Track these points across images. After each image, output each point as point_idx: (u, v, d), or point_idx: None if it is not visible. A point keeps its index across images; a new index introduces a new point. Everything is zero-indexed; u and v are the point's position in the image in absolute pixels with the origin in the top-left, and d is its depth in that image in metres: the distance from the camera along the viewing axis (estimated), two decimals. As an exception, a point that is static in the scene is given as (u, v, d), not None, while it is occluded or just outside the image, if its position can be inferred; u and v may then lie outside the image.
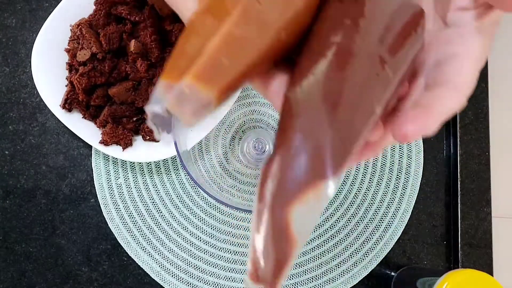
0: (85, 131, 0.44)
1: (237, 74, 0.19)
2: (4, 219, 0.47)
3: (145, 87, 0.43)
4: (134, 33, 0.43)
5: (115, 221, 0.47)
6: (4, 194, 0.48)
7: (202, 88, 0.18)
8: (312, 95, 0.19)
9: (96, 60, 0.42)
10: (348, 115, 0.19)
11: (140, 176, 0.48)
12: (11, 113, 0.49)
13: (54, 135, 0.48)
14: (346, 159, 0.18)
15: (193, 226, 0.47)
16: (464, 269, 0.38)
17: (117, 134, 0.44)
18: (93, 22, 0.43)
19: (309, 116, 0.18)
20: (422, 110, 0.21)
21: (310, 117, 0.18)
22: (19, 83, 0.49)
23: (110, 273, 0.47)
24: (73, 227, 0.47)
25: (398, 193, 0.48)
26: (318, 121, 0.18)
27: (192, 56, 0.18)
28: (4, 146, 0.48)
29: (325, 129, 0.18)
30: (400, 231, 0.47)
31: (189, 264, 0.46)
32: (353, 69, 0.19)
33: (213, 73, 0.18)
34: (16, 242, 0.47)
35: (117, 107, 0.44)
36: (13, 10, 0.50)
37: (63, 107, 0.44)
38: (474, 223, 0.48)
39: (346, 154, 0.18)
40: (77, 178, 0.48)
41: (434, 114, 0.21)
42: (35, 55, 0.44)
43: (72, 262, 0.47)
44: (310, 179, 0.18)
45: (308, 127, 0.18)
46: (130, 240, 0.47)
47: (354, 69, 0.19)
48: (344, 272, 0.47)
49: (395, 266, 0.47)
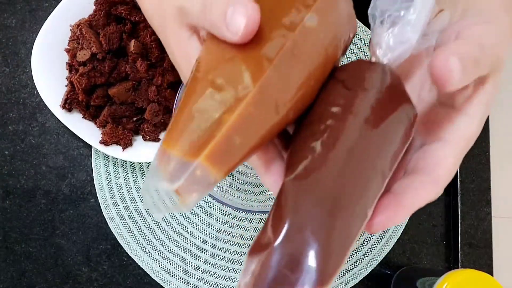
0: (85, 131, 0.44)
1: (244, 153, 0.18)
2: (4, 219, 0.47)
3: (145, 87, 0.43)
4: (134, 33, 0.43)
5: (115, 221, 0.47)
6: (4, 194, 0.48)
7: (214, 170, 0.17)
8: (310, 193, 0.18)
9: (96, 60, 0.42)
10: (345, 221, 0.18)
11: (140, 176, 0.48)
12: (11, 113, 0.49)
13: (54, 135, 0.48)
14: (338, 269, 0.17)
15: (193, 226, 0.47)
16: (464, 269, 0.38)
17: (117, 134, 0.44)
18: (93, 22, 0.43)
19: (302, 216, 0.18)
20: (393, 200, 0.20)
21: (303, 218, 0.17)
22: (19, 83, 0.49)
23: (110, 273, 0.47)
24: (73, 227, 0.47)
25: (398, 193, 0.48)
26: (312, 225, 0.17)
27: (202, 128, 0.17)
28: (4, 146, 0.48)
29: (318, 235, 0.17)
30: (400, 231, 0.47)
31: (189, 264, 0.46)
32: (354, 175, 0.18)
33: (225, 154, 0.18)
34: (16, 242, 0.47)
35: (117, 107, 0.44)
36: (13, 10, 0.50)
37: (63, 107, 0.44)
38: (474, 223, 0.48)
39: (339, 265, 0.17)
40: (77, 178, 0.48)
41: (405, 204, 0.20)
42: (35, 55, 0.44)
43: (72, 262, 0.47)
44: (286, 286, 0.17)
45: (299, 227, 0.17)
46: (130, 240, 0.47)
47: (355, 175, 0.18)
48: (344, 272, 0.47)
49: (395, 266, 0.47)
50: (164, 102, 0.44)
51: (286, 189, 0.18)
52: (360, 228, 0.18)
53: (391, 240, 0.47)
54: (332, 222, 0.17)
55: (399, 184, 0.21)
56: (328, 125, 0.19)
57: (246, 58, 0.18)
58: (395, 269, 0.47)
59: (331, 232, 0.17)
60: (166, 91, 0.43)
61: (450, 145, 0.21)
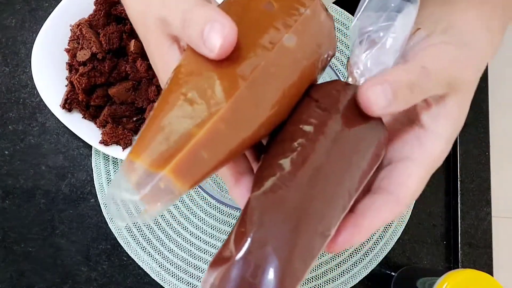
0: (85, 131, 0.44)
1: (212, 167, 0.18)
2: (3, 219, 0.47)
3: (145, 87, 0.43)
4: (134, 33, 0.43)
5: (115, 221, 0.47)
6: (3, 194, 0.47)
7: (178, 183, 0.17)
8: (275, 210, 0.18)
9: (96, 60, 0.42)
10: (308, 239, 0.18)
11: (140, 176, 0.48)
12: (11, 113, 0.48)
13: (54, 135, 0.48)
14: (297, 286, 0.17)
15: (193, 226, 0.47)
16: (464, 269, 0.38)
17: (117, 134, 0.44)
18: (93, 22, 0.43)
19: (265, 232, 0.18)
20: (354, 220, 0.20)
21: (266, 233, 0.18)
22: (19, 83, 0.49)
23: (110, 273, 0.47)
24: (72, 227, 0.47)
25: (398, 193, 0.48)
26: (274, 241, 0.17)
27: (170, 140, 0.17)
28: (4, 146, 0.48)
29: (279, 252, 0.17)
30: (400, 231, 0.47)
31: (189, 264, 0.46)
32: (320, 194, 0.19)
33: (191, 168, 0.18)
34: (15, 242, 0.47)
35: (117, 107, 0.44)
36: (12, 10, 0.50)
37: (63, 107, 0.44)
38: (474, 223, 0.48)
39: (297, 281, 0.17)
40: (77, 178, 0.48)
41: (365, 225, 0.20)
42: (35, 55, 0.44)
43: (71, 262, 0.47)
44: None
45: (261, 242, 0.17)
46: (130, 240, 0.46)
47: (321, 194, 0.19)
48: (344, 272, 0.47)
49: (395, 266, 0.47)
50: (164, 102, 0.44)
51: (252, 204, 0.19)
52: (321, 246, 0.19)
53: (391, 240, 0.47)
54: (294, 240, 0.18)
55: (362, 203, 0.21)
56: (299, 144, 0.19)
57: (222, 74, 0.18)
58: (395, 269, 0.47)
59: (293, 249, 0.17)
60: (166, 91, 0.43)
61: (415, 163, 0.21)
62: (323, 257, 0.47)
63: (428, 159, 0.21)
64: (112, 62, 0.42)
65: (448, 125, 0.21)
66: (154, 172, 0.17)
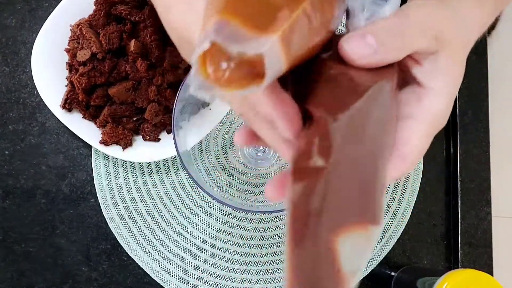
0: (85, 131, 0.44)
1: (297, 55, 0.18)
2: (3, 219, 0.47)
3: (145, 87, 0.43)
4: (134, 33, 0.43)
5: (115, 221, 0.47)
6: (3, 194, 0.47)
7: (283, 54, 0.16)
8: (354, 136, 0.19)
9: (96, 60, 0.42)
10: (383, 176, 0.20)
11: (140, 176, 0.48)
12: (11, 113, 0.48)
13: (54, 135, 0.48)
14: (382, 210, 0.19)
15: (193, 226, 0.47)
16: (464, 269, 0.38)
17: (117, 134, 0.44)
18: (93, 22, 0.43)
19: (350, 150, 0.19)
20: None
21: (350, 151, 0.19)
22: (19, 83, 0.49)
23: (110, 273, 0.47)
24: (72, 227, 0.47)
25: (398, 192, 0.48)
26: (360, 158, 0.19)
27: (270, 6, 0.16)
28: (4, 146, 0.48)
29: (368, 167, 0.19)
30: (400, 231, 0.47)
31: (189, 264, 0.46)
32: (379, 135, 0.20)
33: (293, 42, 0.17)
34: (15, 242, 0.47)
35: (117, 107, 0.44)
36: (12, 10, 0.50)
37: (63, 107, 0.44)
38: (474, 223, 0.48)
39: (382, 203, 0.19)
40: (77, 178, 0.48)
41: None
42: (35, 55, 0.44)
43: (71, 262, 0.47)
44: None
45: (350, 156, 0.18)
46: (130, 240, 0.47)
47: (380, 136, 0.20)
48: (344, 272, 0.47)
49: (395, 266, 0.47)
50: (164, 102, 0.44)
51: (331, 127, 0.19)
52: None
53: (391, 240, 0.47)
54: (375, 165, 0.19)
55: None
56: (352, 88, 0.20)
57: None
58: (395, 269, 0.47)
59: (375, 172, 0.19)
60: (166, 91, 0.43)
61: (417, 121, 0.21)
62: (323, 257, 0.47)
63: (429, 115, 0.21)
64: (112, 62, 0.42)
65: (445, 80, 0.21)
66: (258, 36, 0.15)
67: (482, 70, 0.50)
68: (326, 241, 0.17)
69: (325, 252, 0.17)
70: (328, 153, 0.18)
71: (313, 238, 0.17)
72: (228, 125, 0.49)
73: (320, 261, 0.17)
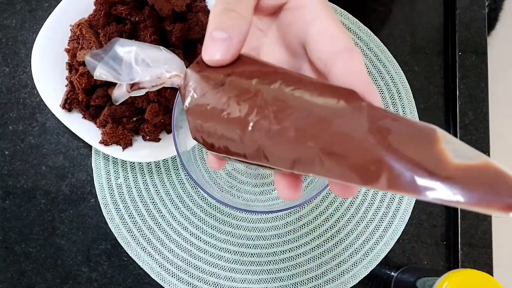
0: (85, 131, 0.44)
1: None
2: (4, 219, 0.47)
3: (145, 87, 0.43)
4: (134, 33, 0.43)
5: (115, 221, 0.47)
6: (4, 194, 0.47)
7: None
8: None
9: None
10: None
11: (140, 176, 0.48)
12: (11, 113, 0.48)
13: (54, 135, 0.48)
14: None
15: (193, 226, 0.47)
16: (464, 269, 0.38)
17: (117, 134, 0.44)
18: (93, 22, 0.43)
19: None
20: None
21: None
22: (19, 83, 0.49)
23: (110, 273, 0.47)
24: (73, 227, 0.47)
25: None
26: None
27: None
28: (4, 146, 0.48)
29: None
30: (400, 231, 0.47)
31: (189, 264, 0.46)
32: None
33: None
34: (15, 242, 0.47)
35: (117, 107, 0.44)
36: (13, 10, 0.50)
37: (63, 107, 0.44)
38: (474, 223, 0.48)
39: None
40: (77, 178, 0.48)
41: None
42: (35, 55, 0.44)
43: (71, 262, 0.47)
44: None
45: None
46: (130, 240, 0.47)
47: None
48: (344, 272, 0.47)
49: (395, 266, 0.47)
50: (164, 102, 0.44)
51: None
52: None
53: (391, 240, 0.47)
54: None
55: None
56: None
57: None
58: (395, 269, 0.47)
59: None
60: (166, 91, 0.43)
61: (314, 21, 0.21)
62: (323, 257, 0.47)
63: (315, 3, 0.21)
64: (112, 62, 0.42)
65: None
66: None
67: (482, 70, 0.50)
68: None
69: None
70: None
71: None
72: (228, 125, 0.49)
73: None
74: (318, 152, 0.18)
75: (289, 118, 0.19)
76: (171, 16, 0.43)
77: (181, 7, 0.43)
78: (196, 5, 0.44)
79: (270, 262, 0.47)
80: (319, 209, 0.48)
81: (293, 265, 0.47)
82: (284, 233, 0.47)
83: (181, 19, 0.44)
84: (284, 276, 0.46)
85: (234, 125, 0.20)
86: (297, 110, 0.19)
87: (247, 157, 0.20)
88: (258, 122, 0.19)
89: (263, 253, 0.47)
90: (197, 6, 0.44)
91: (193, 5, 0.44)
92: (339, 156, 0.18)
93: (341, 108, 0.19)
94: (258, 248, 0.47)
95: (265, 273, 0.46)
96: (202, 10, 0.45)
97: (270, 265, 0.47)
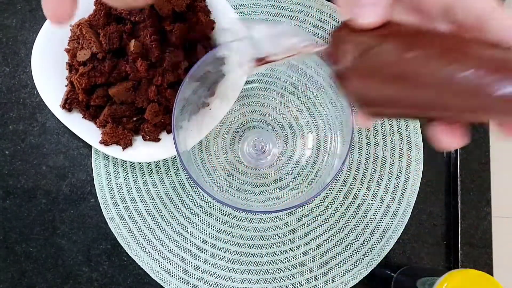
0: (85, 131, 0.44)
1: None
2: (4, 219, 0.47)
3: (145, 87, 0.43)
4: (134, 33, 0.43)
5: (115, 221, 0.47)
6: (4, 194, 0.48)
7: None
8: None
9: (96, 60, 0.42)
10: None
11: (140, 176, 0.48)
12: (11, 113, 0.49)
13: (54, 135, 0.48)
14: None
15: (193, 226, 0.47)
16: (464, 269, 0.38)
17: (117, 134, 0.44)
18: (93, 22, 0.43)
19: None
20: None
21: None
22: (19, 83, 0.49)
23: (110, 273, 0.47)
24: (73, 227, 0.47)
25: (398, 192, 0.48)
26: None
27: None
28: (4, 146, 0.48)
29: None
30: (400, 231, 0.47)
31: (189, 264, 0.46)
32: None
33: None
34: (16, 242, 0.47)
35: (117, 107, 0.44)
36: (13, 10, 0.50)
37: (63, 107, 0.44)
38: (474, 223, 0.48)
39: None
40: (77, 178, 0.48)
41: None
42: (35, 55, 0.44)
43: (72, 262, 0.47)
44: None
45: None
46: (130, 240, 0.47)
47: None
48: (344, 272, 0.47)
49: (395, 266, 0.47)
50: (164, 102, 0.44)
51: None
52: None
53: (391, 240, 0.47)
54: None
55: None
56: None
57: None
58: (395, 269, 0.47)
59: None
60: (166, 91, 0.43)
61: None
62: (323, 257, 0.47)
63: None
64: (112, 62, 0.42)
65: None
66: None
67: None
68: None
69: None
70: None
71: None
72: (228, 125, 0.49)
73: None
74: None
75: (469, 65, 0.19)
76: (171, 16, 0.43)
77: (181, 7, 0.43)
78: (196, 5, 0.44)
79: (270, 262, 0.47)
80: (319, 209, 0.48)
81: (293, 265, 0.47)
82: (284, 233, 0.47)
83: (181, 19, 0.44)
84: (284, 276, 0.46)
85: (408, 76, 0.20)
86: (474, 58, 0.20)
87: (418, 107, 0.21)
88: (432, 71, 0.20)
89: (263, 253, 0.47)
90: (197, 6, 0.44)
91: (193, 5, 0.44)
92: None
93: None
94: (258, 248, 0.47)
95: (265, 273, 0.47)
96: (202, 10, 0.45)
97: (270, 265, 0.47)
